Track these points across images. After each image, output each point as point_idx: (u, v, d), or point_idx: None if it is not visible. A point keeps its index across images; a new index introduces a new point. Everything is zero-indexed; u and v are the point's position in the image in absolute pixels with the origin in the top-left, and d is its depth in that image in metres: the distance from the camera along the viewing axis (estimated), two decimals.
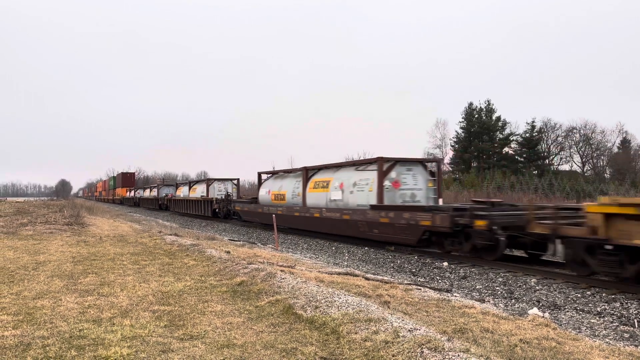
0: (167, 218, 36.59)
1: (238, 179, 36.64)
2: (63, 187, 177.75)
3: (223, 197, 31.44)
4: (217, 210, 31.23)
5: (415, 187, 15.95)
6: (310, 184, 19.94)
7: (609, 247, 8.77)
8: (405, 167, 16.09)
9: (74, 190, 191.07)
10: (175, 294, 6.97)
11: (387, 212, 14.38)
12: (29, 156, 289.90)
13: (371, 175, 16.09)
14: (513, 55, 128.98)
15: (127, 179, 76.79)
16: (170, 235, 15.93)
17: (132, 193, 67.40)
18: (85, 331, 5.14)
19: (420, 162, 16.81)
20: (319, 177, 19.76)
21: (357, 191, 16.68)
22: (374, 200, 15.49)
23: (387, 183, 15.62)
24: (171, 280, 8.05)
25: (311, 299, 6.18)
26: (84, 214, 24.50)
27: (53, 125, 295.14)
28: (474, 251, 12.00)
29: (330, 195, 18.24)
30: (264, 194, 24.43)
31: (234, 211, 28.97)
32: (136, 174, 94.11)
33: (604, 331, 6.61)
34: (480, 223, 11.57)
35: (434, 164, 17.17)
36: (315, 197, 19.29)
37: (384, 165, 15.69)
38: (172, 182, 63.14)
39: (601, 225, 8.84)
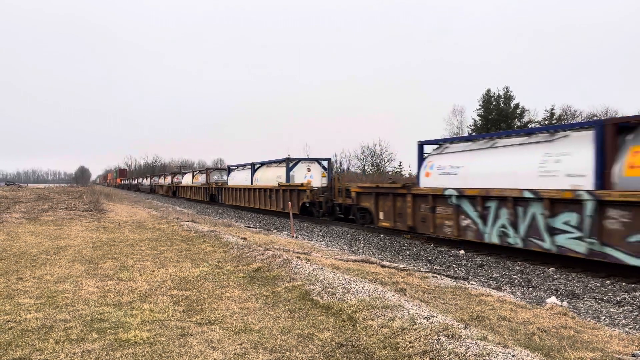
0: (185, 205, 37.01)
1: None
2: (82, 174, 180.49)
3: (217, 184, 37.98)
4: (213, 194, 38.06)
5: (311, 178, 24.53)
6: (256, 174, 29.63)
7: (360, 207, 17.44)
8: (305, 163, 25.50)
9: (93, 177, 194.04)
10: (193, 280, 7.05)
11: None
12: (49, 143, 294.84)
13: (282, 170, 25.75)
14: (533, 42, 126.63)
15: (123, 172, 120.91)
16: (188, 221, 16.09)
17: (123, 181, 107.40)
18: (105, 314, 5.23)
19: (316, 160, 25.94)
20: (260, 170, 29.53)
21: (277, 179, 25.75)
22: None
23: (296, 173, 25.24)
24: (189, 265, 8.14)
25: (327, 285, 6.20)
26: (102, 200, 24.87)
27: (73, 113, 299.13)
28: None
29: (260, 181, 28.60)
30: (231, 180, 34.95)
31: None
32: (153, 161, 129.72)
33: (623, 320, 6.53)
34: (321, 199, 21.12)
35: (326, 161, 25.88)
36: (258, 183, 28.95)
37: (289, 163, 25.09)
38: (179, 170, 74.08)
39: (355, 197, 17.46)
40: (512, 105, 59.36)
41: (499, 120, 58.84)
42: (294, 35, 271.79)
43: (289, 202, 19.61)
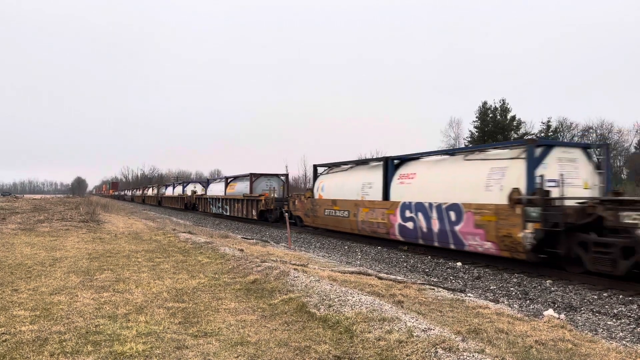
0: (181, 216, 36.96)
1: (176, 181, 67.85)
2: (79, 185, 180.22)
3: (158, 194, 61.15)
4: (160, 201, 59.41)
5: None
6: (175, 189, 52.22)
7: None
8: (193, 184, 47.58)
9: (89, 187, 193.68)
10: (190, 291, 7.02)
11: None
12: (46, 154, 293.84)
13: (181, 187, 50.88)
14: (533, 41, 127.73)
15: (115, 185, 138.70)
16: (184, 232, 16.04)
17: (114, 193, 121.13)
18: (101, 327, 5.20)
19: (198, 182, 47.27)
20: (176, 188, 51.04)
21: (179, 192, 50.17)
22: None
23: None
24: (185, 277, 8.11)
25: (324, 297, 6.18)
26: (99, 211, 24.78)
27: (70, 123, 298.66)
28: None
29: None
30: (167, 192, 56.80)
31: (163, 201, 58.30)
32: (150, 172, 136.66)
33: (621, 333, 6.52)
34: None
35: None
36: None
37: (185, 183, 50.32)
38: (146, 185, 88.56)
39: (195, 200, 43.60)
40: (508, 117, 59.69)
41: (495, 132, 59.06)
42: (294, 35, 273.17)
43: (287, 215, 19.60)
